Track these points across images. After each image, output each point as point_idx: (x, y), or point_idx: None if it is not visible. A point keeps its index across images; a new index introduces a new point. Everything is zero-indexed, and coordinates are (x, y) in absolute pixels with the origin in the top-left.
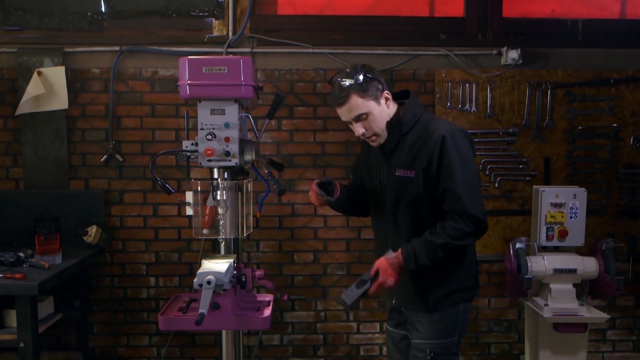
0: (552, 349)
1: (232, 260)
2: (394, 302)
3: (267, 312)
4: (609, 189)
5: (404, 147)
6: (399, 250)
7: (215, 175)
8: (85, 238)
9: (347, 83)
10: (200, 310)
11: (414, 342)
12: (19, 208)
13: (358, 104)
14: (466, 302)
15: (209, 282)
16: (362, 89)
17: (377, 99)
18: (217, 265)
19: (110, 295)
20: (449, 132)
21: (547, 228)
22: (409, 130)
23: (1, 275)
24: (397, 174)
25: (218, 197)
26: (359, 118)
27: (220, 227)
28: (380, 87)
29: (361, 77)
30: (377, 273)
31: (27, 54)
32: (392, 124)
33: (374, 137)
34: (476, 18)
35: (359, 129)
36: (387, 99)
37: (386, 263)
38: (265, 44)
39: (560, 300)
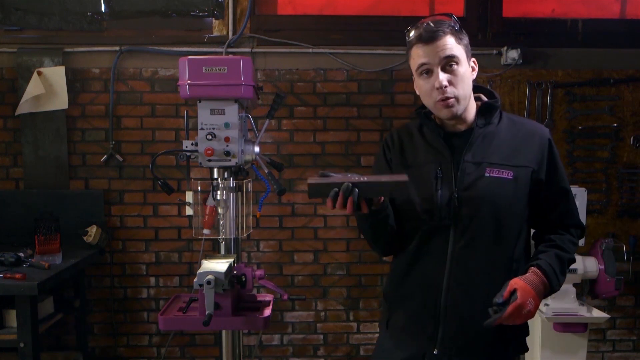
0: (552, 349)
1: (232, 260)
2: (437, 351)
3: (267, 312)
4: (609, 189)
5: (495, 142)
6: (532, 269)
7: (215, 175)
8: (85, 238)
9: (444, 24)
10: (207, 312)
11: None
12: (19, 208)
13: (453, 44)
14: None
15: (208, 282)
16: (458, 36)
17: (468, 57)
18: (217, 265)
19: (110, 295)
20: (549, 133)
21: None
22: (498, 121)
23: (1, 275)
24: (488, 174)
25: (218, 197)
26: (449, 61)
27: (220, 227)
28: (470, 50)
29: (457, 26)
30: (512, 294)
31: (27, 54)
32: (484, 108)
33: (452, 101)
34: (476, 18)
35: (442, 80)
36: (473, 69)
37: (524, 282)
38: (265, 44)
39: (560, 300)
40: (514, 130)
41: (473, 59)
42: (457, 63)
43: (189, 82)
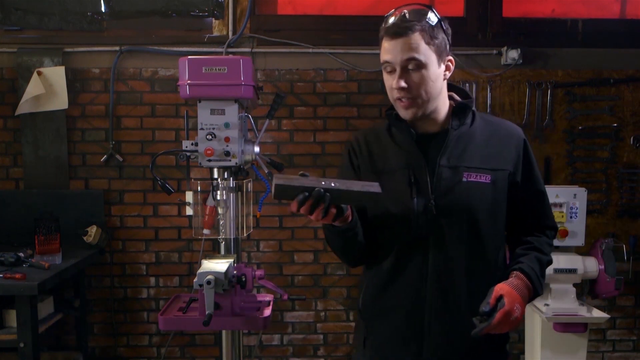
0: (552, 349)
1: (232, 260)
2: (424, 356)
3: (267, 312)
4: (609, 189)
5: (471, 145)
6: (514, 273)
7: (215, 175)
8: (85, 238)
9: (416, 19)
10: (207, 312)
11: None
12: (19, 208)
13: (419, 45)
14: None
15: (208, 282)
16: (430, 34)
17: (440, 57)
18: (217, 265)
19: (110, 295)
20: (524, 133)
21: None
22: (472, 122)
23: (1, 275)
24: (466, 179)
25: (218, 197)
26: (410, 62)
27: (220, 227)
28: (448, 47)
29: (434, 21)
30: (498, 300)
31: (27, 54)
32: (458, 109)
33: (407, 103)
34: (476, 18)
35: (399, 81)
36: (448, 68)
37: (510, 287)
38: (265, 44)
39: (560, 300)
40: (489, 132)
41: (449, 58)
42: (419, 66)
43: (189, 82)
